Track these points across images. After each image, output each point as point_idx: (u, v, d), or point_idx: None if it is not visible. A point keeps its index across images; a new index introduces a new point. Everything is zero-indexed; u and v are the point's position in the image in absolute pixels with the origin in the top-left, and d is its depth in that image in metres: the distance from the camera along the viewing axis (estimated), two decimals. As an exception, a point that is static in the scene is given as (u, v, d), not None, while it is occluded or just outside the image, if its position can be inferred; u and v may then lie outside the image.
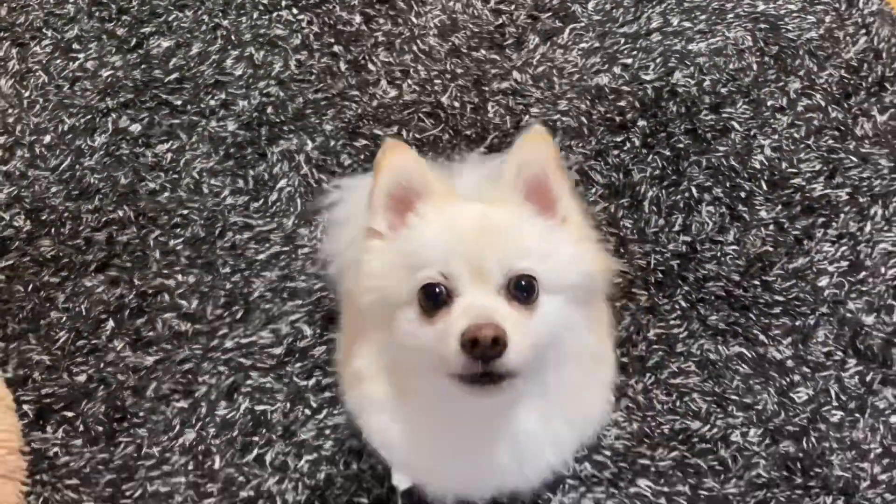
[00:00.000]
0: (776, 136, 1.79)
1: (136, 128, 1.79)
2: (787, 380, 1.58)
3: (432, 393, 0.89)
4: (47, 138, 1.78)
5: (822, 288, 1.65)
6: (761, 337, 1.61)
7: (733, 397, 1.56)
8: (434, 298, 0.83)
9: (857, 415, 1.56)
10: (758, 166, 1.76)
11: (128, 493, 1.49)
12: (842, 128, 1.80)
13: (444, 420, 0.92)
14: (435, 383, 0.86)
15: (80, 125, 1.79)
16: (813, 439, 1.53)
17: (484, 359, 0.78)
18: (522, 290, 0.83)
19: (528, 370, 0.83)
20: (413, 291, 0.84)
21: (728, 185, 1.74)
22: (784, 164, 1.76)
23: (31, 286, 1.65)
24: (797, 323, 1.62)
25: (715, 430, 1.54)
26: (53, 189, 1.74)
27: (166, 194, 1.73)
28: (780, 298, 1.64)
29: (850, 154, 1.77)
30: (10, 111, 1.81)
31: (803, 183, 1.74)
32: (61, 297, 1.64)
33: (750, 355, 1.60)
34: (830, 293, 1.65)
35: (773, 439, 1.54)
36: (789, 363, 1.59)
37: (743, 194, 1.73)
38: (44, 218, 1.71)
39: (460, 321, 0.80)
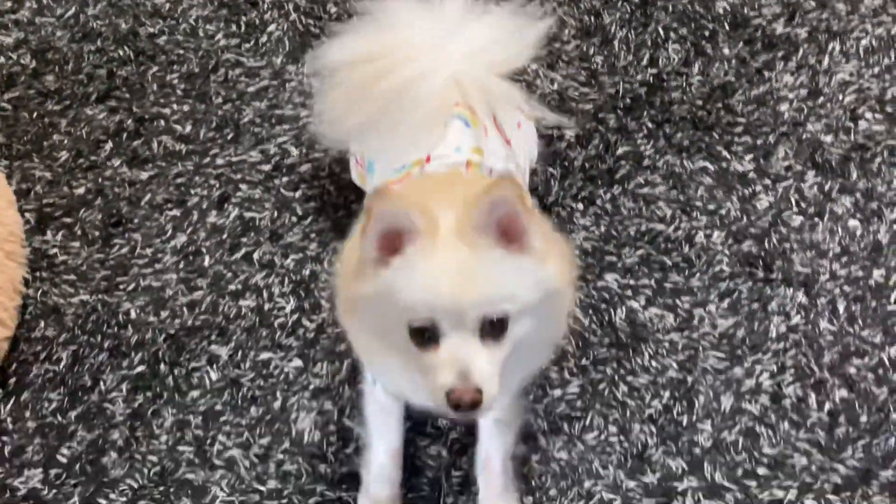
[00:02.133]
0: (739, -15, 1.89)
1: (136, -19, 1.91)
2: (749, 189, 1.66)
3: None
4: (54, -9, 1.91)
5: (782, 112, 1.74)
6: (724, 153, 1.69)
7: (697, 204, 1.64)
8: (421, 337, 0.98)
9: (816, 219, 1.63)
10: (721, 11, 1.86)
11: (121, 287, 1.58)
12: (801, -22, 1.90)
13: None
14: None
15: (85, -20, 1.92)
16: (774, 240, 1.61)
17: (463, 411, 0.97)
18: (495, 327, 0.98)
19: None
20: (403, 323, 0.99)
21: (693, 26, 1.84)
22: (746, 9, 1.86)
23: (35, 114, 1.75)
24: (758, 141, 1.71)
25: (680, 231, 1.62)
26: (58, 33, 1.85)
27: (164, 37, 1.84)
28: (742, 120, 1.73)
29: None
30: (19, -31, 1.94)
31: (764, 23, 1.84)
32: (63, 123, 1.74)
33: (713, 168, 1.68)
34: (790, 116, 1.73)
35: (736, 240, 1.61)
36: (751, 175, 1.67)
37: (707, 33, 1.83)
38: (49, 57, 1.82)
39: (446, 375, 0.97)
